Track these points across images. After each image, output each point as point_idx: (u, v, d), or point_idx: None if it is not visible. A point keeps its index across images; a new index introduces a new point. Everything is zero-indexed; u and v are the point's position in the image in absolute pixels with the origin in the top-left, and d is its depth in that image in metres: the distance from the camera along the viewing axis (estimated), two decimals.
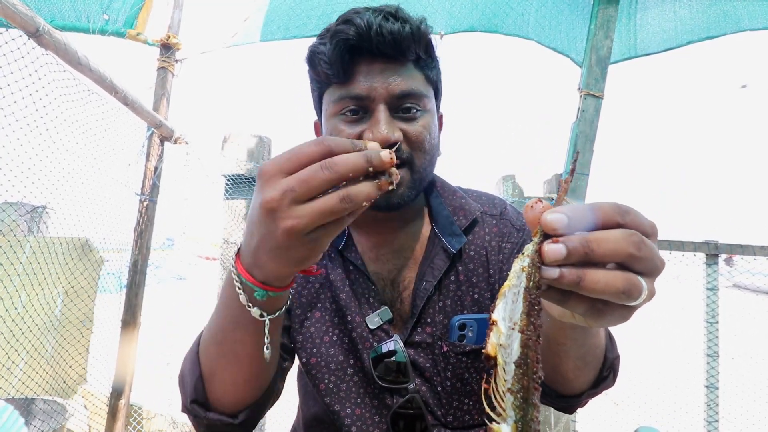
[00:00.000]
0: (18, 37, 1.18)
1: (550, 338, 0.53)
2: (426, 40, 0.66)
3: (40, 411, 1.79)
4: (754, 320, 6.93)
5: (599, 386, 0.62)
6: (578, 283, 0.32)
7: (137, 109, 1.69)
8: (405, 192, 0.66)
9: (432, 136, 0.67)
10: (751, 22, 2.16)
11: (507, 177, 2.37)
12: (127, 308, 1.92)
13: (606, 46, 1.97)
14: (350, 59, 0.63)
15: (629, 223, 0.33)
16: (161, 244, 4.70)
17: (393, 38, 0.61)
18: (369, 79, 0.63)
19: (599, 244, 0.32)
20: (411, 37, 0.63)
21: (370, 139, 0.61)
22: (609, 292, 0.32)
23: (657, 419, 2.51)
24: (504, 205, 0.82)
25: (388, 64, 0.63)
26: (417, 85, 0.65)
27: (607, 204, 0.34)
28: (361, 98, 0.63)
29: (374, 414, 0.71)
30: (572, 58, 2.25)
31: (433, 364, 0.71)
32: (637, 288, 0.32)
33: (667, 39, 2.26)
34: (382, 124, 0.61)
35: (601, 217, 0.33)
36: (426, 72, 0.68)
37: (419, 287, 0.72)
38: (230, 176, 2.42)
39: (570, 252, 0.32)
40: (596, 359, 0.58)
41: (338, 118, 0.65)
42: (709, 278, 2.19)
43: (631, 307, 0.34)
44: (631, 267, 0.33)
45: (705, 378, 2.18)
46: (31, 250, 1.73)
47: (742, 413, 2.68)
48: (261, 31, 2.05)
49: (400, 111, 0.64)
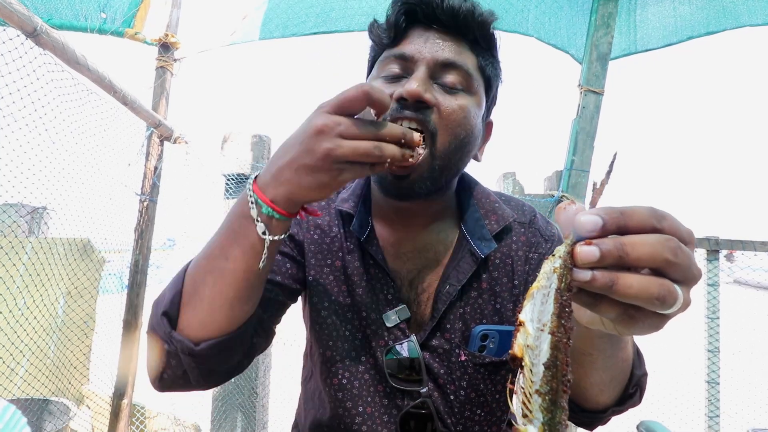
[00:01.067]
0: (16, 36, 1.17)
1: (576, 348, 0.51)
2: (486, 28, 0.65)
3: (44, 411, 1.79)
4: (754, 316, 6.94)
5: (625, 404, 0.60)
6: (611, 286, 0.31)
7: (136, 108, 1.68)
8: (423, 174, 0.61)
9: (468, 122, 0.62)
10: (750, 18, 2.16)
11: (507, 174, 2.37)
12: (128, 308, 1.92)
13: (606, 42, 1.97)
14: (406, 23, 0.63)
15: (666, 228, 0.32)
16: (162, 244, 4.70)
17: (453, 12, 0.61)
18: (417, 44, 0.62)
19: (634, 247, 0.31)
20: (470, 15, 0.62)
21: (397, 94, 0.60)
22: (642, 298, 0.30)
23: (658, 414, 2.52)
24: (533, 213, 0.79)
25: (443, 34, 0.63)
26: (465, 61, 0.63)
27: (643, 208, 0.33)
28: (404, 58, 0.62)
29: (383, 413, 0.69)
30: (572, 55, 2.24)
31: (448, 372, 0.69)
32: (673, 295, 0.31)
33: (667, 35, 2.25)
34: (416, 79, 0.60)
35: (636, 221, 0.32)
36: (480, 60, 0.66)
37: (442, 290, 0.69)
38: (230, 176, 2.42)
39: (603, 255, 0.31)
40: (623, 374, 0.56)
41: (380, 80, 0.64)
42: (709, 274, 2.19)
43: (664, 315, 0.33)
44: (666, 274, 0.31)
45: (706, 373, 2.18)
46: (32, 251, 1.73)
47: (743, 408, 2.69)
48: (260, 30, 2.04)
49: (441, 80, 0.62)
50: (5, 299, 1.54)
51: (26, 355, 1.70)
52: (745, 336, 5.64)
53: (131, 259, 1.93)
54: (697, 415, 2.29)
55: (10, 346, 1.55)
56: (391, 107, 0.60)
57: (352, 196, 0.75)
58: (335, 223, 0.75)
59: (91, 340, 2.08)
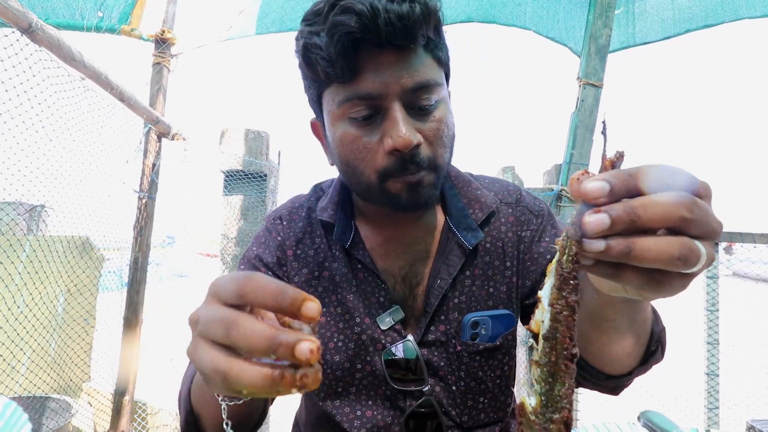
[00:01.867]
0: (11, 33, 1.17)
1: (599, 316, 0.50)
2: (436, 19, 0.58)
3: (46, 408, 1.80)
4: (753, 308, 6.96)
5: (648, 362, 0.59)
6: (628, 253, 0.29)
7: (133, 105, 1.68)
8: (431, 192, 0.61)
9: (449, 128, 0.62)
10: (749, 10, 2.15)
11: (507, 168, 2.37)
12: (128, 306, 1.92)
13: (605, 35, 1.96)
14: (355, 54, 0.54)
15: (678, 184, 0.30)
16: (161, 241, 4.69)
17: (403, 25, 0.53)
18: (378, 75, 0.55)
19: (646, 209, 0.29)
20: (422, 19, 0.54)
21: (390, 146, 0.56)
22: (663, 260, 0.29)
23: (658, 406, 2.53)
24: (519, 192, 0.77)
25: (398, 54, 0.56)
26: (430, 74, 0.58)
27: (652, 166, 0.31)
28: (372, 97, 0.56)
29: (387, 416, 0.68)
30: (571, 48, 2.23)
31: (448, 363, 0.68)
32: (695, 253, 0.29)
33: (666, 27, 2.25)
34: (400, 125, 0.56)
35: (646, 182, 0.30)
36: (436, 54, 0.60)
37: (433, 285, 0.68)
38: (228, 172, 2.42)
39: (614, 220, 0.29)
40: (645, 334, 0.55)
41: (347, 123, 0.59)
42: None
43: (689, 275, 0.31)
44: (685, 231, 0.30)
45: (705, 365, 2.19)
46: (31, 249, 1.72)
47: (742, 400, 2.70)
48: (256, 25, 2.03)
49: (415, 107, 0.58)
50: (4, 297, 1.54)
51: (27, 352, 1.70)
52: (744, 328, 5.66)
53: (131, 257, 1.93)
54: (697, 406, 2.30)
55: (10, 343, 1.55)
56: (388, 163, 0.58)
57: (330, 204, 0.73)
58: (318, 234, 0.73)
59: (91, 337, 2.08)
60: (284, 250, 0.73)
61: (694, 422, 2.29)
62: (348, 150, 0.60)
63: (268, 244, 0.74)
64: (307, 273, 0.72)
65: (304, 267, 0.72)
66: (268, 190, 2.48)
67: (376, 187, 0.61)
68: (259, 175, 2.46)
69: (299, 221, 0.75)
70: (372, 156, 0.59)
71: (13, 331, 1.54)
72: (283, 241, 0.74)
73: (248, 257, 0.74)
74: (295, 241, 0.74)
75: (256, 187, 2.46)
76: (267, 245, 0.74)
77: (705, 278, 2.21)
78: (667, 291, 0.32)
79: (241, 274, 0.33)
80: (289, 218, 0.76)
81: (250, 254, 0.74)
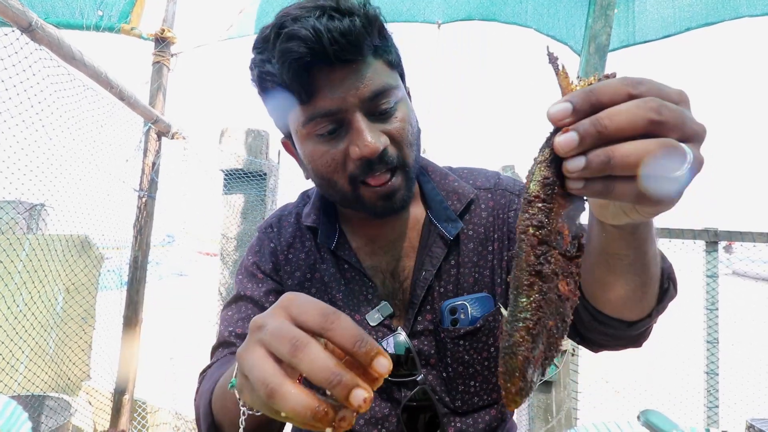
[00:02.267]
0: (11, 32, 1.16)
1: (609, 254, 0.50)
2: (379, 24, 0.60)
3: (45, 407, 1.80)
4: (753, 307, 6.96)
5: (664, 300, 0.58)
6: (609, 161, 0.29)
7: (133, 104, 1.67)
8: (404, 194, 0.64)
9: (413, 126, 0.65)
10: (749, 9, 2.15)
11: (507, 167, 2.37)
12: (128, 304, 1.92)
13: (605, 33, 1.96)
14: (308, 76, 0.56)
15: (645, 92, 0.30)
16: (161, 240, 4.69)
17: (348, 40, 0.55)
18: (334, 91, 0.57)
19: (611, 118, 0.29)
20: (365, 30, 0.56)
21: (357, 154, 0.58)
22: (649, 161, 0.28)
23: (658, 406, 2.53)
24: (497, 176, 0.79)
25: (349, 67, 0.57)
26: (385, 79, 0.60)
27: (614, 79, 0.31)
28: (332, 113, 0.58)
29: (383, 408, 0.70)
30: (571, 46, 2.23)
31: (437, 350, 0.71)
32: (678, 150, 0.29)
33: (666, 26, 2.24)
34: (365, 134, 0.57)
35: (609, 94, 0.30)
36: (386, 57, 0.62)
37: (418, 277, 0.71)
38: (228, 171, 2.42)
39: (582, 135, 0.29)
40: (657, 269, 0.54)
41: (314, 140, 0.61)
42: (708, 265, 2.20)
43: (679, 179, 0.30)
44: (661, 135, 0.29)
45: (705, 364, 2.20)
46: (30, 248, 1.72)
47: (741, 399, 2.70)
48: (255, 24, 2.03)
49: (376, 113, 0.60)
50: (4, 296, 1.55)
51: (26, 351, 1.70)
52: (743, 327, 5.67)
53: (130, 256, 1.93)
54: (696, 405, 2.31)
55: (9, 342, 1.55)
56: (355, 168, 0.60)
57: (312, 210, 0.76)
58: (307, 237, 0.76)
59: (90, 336, 2.08)
60: (277, 256, 0.76)
61: (694, 421, 2.29)
62: (319, 164, 0.62)
63: (263, 252, 0.77)
64: (300, 276, 0.74)
65: (297, 270, 0.75)
66: (267, 189, 2.48)
67: (350, 196, 0.64)
68: (259, 174, 2.46)
69: (288, 227, 0.78)
70: (341, 165, 0.61)
71: (12, 329, 1.54)
72: (276, 247, 0.77)
73: (245, 266, 0.77)
74: (286, 246, 0.76)
75: (256, 186, 2.46)
76: (262, 253, 0.77)
77: (705, 277, 2.21)
78: (662, 199, 0.31)
79: (328, 308, 0.35)
80: (279, 225, 0.79)
81: (247, 263, 0.77)
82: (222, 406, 0.55)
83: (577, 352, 2.05)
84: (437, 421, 0.70)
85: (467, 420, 0.72)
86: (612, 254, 0.50)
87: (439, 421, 0.70)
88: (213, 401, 0.58)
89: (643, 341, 0.63)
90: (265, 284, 0.74)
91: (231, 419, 0.54)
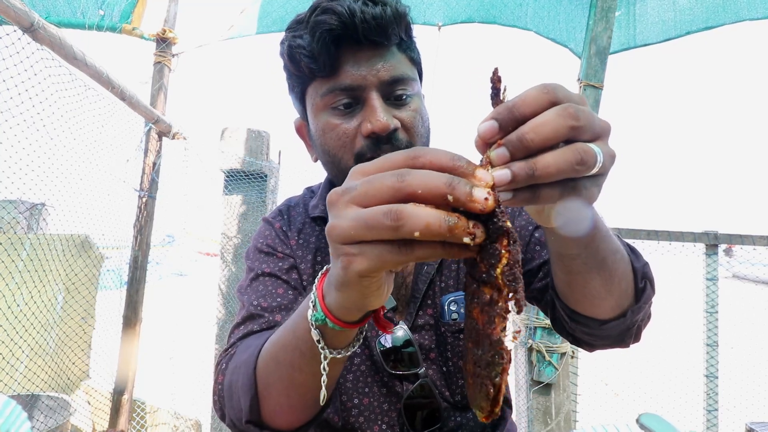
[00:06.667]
0: (13, 32, 1.17)
1: (564, 256, 0.53)
2: (406, 21, 0.65)
3: (44, 407, 1.80)
4: (753, 310, 6.96)
5: (640, 299, 0.59)
6: (533, 173, 0.31)
7: (134, 104, 1.68)
8: None
9: (424, 120, 0.67)
10: (750, 12, 2.15)
11: None
12: (128, 304, 1.92)
13: (605, 36, 1.96)
14: (335, 50, 0.61)
15: (561, 98, 0.33)
16: (161, 240, 4.69)
17: (377, 23, 0.59)
18: (357, 68, 0.61)
19: (536, 131, 0.31)
20: (394, 20, 0.61)
21: (368, 129, 0.60)
22: (566, 169, 0.31)
23: (657, 409, 2.53)
24: None
25: (374, 50, 0.62)
26: (405, 69, 0.64)
27: (530, 89, 0.33)
28: (352, 89, 0.61)
29: (383, 402, 0.70)
30: (571, 49, 2.23)
31: (437, 345, 0.72)
32: (589, 153, 0.32)
33: (666, 29, 2.24)
34: (379, 111, 0.60)
35: (530, 106, 0.32)
36: (409, 54, 0.67)
37: (420, 271, 0.72)
38: (228, 171, 2.42)
39: (512, 151, 0.31)
40: (623, 267, 0.56)
41: (329, 113, 0.64)
42: (708, 268, 2.19)
43: (597, 176, 0.34)
44: (577, 139, 0.32)
45: (704, 367, 2.19)
46: (31, 247, 1.73)
47: (741, 402, 2.70)
48: (257, 24, 2.03)
49: (392, 98, 0.63)
50: (4, 295, 1.55)
51: (25, 350, 1.70)
52: (743, 330, 5.66)
53: (131, 256, 1.93)
54: (696, 408, 2.30)
55: (9, 341, 1.55)
56: (363, 144, 0.62)
57: (319, 201, 0.78)
58: (315, 227, 0.78)
59: (90, 336, 2.08)
60: (289, 239, 0.77)
61: (693, 425, 2.29)
62: (329, 138, 0.64)
63: (276, 235, 0.77)
64: (312, 258, 0.75)
65: (308, 253, 0.75)
66: (268, 190, 2.49)
67: None
68: (260, 174, 2.46)
69: (297, 216, 0.80)
70: (351, 142, 0.63)
71: (12, 328, 1.54)
72: (287, 231, 0.78)
73: (258, 248, 0.76)
74: (297, 231, 0.78)
75: (257, 187, 2.47)
76: (273, 236, 0.77)
77: (705, 280, 2.20)
78: (585, 196, 0.35)
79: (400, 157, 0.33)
80: (288, 212, 0.81)
81: (259, 245, 0.76)
82: (280, 361, 0.51)
83: (576, 354, 2.04)
84: (437, 416, 0.71)
85: (467, 414, 0.73)
86: (565, 255, 0.53)
87: (439, 415, 0.70)
88: (262, 365, 0.54)
89: (630, 341, 0.63)
90: (285, 261, 0.74)
91: (291, 377, 0.50)
